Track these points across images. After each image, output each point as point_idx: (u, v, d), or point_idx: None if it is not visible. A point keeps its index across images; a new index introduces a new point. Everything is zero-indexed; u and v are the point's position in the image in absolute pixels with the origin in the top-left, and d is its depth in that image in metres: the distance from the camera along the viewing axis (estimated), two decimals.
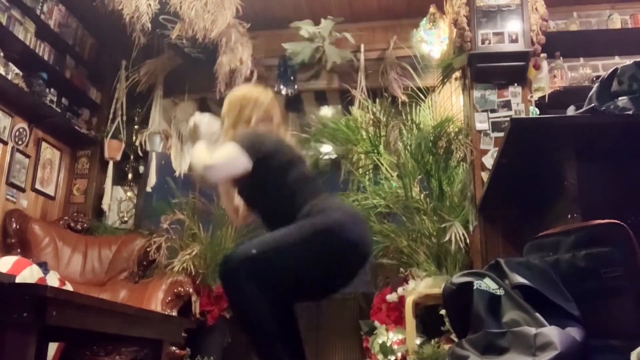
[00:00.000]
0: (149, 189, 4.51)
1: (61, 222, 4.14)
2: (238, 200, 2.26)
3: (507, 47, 3.22)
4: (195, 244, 3.82)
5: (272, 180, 2.05)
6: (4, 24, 3.64)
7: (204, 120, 2.19)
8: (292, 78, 4.43)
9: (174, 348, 3.29)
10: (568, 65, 4.04)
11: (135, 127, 4.58)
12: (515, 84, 3.25)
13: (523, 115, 3.16)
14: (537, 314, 1.53)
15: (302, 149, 2.28)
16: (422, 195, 3.49)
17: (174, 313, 3.44)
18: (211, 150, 2.05)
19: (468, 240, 3.15)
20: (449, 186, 3.49)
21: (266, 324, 1.80)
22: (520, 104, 3.23)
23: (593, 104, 1.95)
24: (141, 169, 4.57)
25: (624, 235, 1.57)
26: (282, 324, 1.84)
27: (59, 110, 4.17)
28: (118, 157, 4.49)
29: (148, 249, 3.78)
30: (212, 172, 1.96)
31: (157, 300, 3.43)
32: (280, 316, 1.83)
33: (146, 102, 4.59)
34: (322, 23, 4.25)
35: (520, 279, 1.62)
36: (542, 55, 3.58)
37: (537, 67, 3.43)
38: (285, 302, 1.90)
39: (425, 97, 3.84)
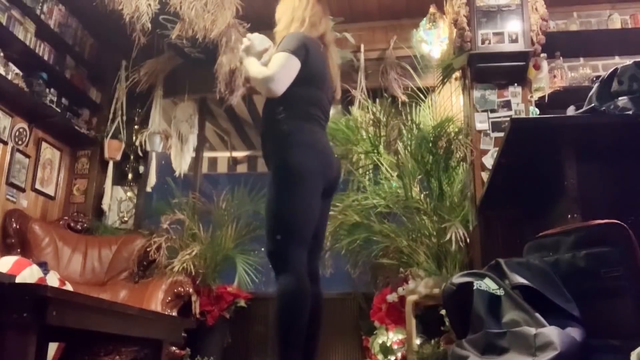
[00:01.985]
0: (149, 189, 4.51)
1: (61, 222, 4.14)
2: None
3: (507, 47, 3.22)
4: (195, 244, 3.82)
5: (294, 88, 2.18)
6: (4, 24, 3.64)
7: (257, 37, 2.29)
8: None
9: (174, 348, 3.29)
10: (568, 65, 4.04)
11: (135, 127, 4.59)
12: (515, 84, 3.25)
13: (523, 115, 3.16)
14: (537, 314, 1.53)
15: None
16: (422, 195, 3.49)
17: (174, 313, 3.44)
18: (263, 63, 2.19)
19: (468, 240, 3.15)
20: (449, 186, 3.49)
21: (304, 315, 2.06)
22: (520, 104, 3.23)
23: (593, 104, 1.95)
24: (141, 169, 4.58)
25: (624, 235, 1.57)
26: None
27: (59, 110, 4.17)
28: (118, 157, 4.49)
29: (148, 249, 3.78)
30: (274, 83, 2.10)
31: (157, 300, 3.43)
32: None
33: (146, 102, 4.60)
34: None
35: (520, 279, 1.62)
36: (542, 55, 3.57)
37: (537, 67, 3.43)
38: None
39: (425, 97, 3.84)
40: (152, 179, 4.50)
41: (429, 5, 3.97)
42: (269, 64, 2.15)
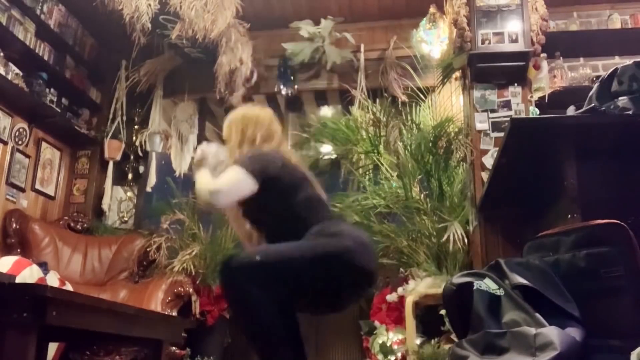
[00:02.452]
0: (149, 189, 4.51)
1: (61, 222, 4.14)
2: (249, 225, 2.23)
3: (507, 47, 3.22)
4: (195, 244, 3.82)
5: (278, 202, 2.03)
6: (4, 24, 3.64)
7: (211, 150, 2.18)
8: (292, 78, 4.43)
9: (174, 348, 3.29)
10: (568, 65, 4.03)
11: (135, 127, 4.58)
12: (515, 84, 3.25)
13: (523, 115, 3.16)
14: (537, 314, 1.53)
15: (307, 169, 2.25)
16: (422, 195, 3.49)
17: (174, 313, 3.44)
18: (216, 176, 2.04)
19: (468, 240, 3.15)
20: (449, 186, 3.49)
21: (267, 325, 1.80)
22: (520, 104, 3.23)
23: (593, 104, 1.95)
24: (141, 169, 4.57)
25: (624, 235, 1.57)
26: (284, 326, 1.84)
27: (59, 110, 4.17)
28: (118, 157, 4.49)
29: (148, 249, 3.78)
30: (218, 197, 1.94)
31: (157, 300, 3.43)
32: (281, 318, 1.83)
33: (146, 102, 4.59)
34: (322, 23, 4.25)
35: (520, 279, 1.62)
36: (542, 55, 3.57)
37: (537, 67, 3.43)
38: (286, 306, 1.88)
39: (425, 97, 3.84)
40: (152, 179, 4.50)
41: (429, 5, 3.97)
42: (219, 178, 2.00)
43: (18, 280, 2.40)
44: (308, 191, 2.09)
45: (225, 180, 1.97)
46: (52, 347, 2.82)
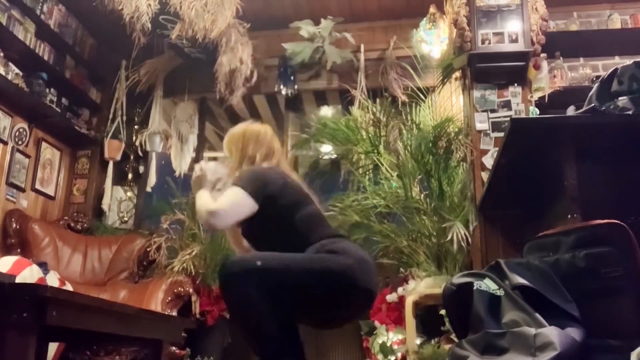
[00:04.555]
0: (149, 189, 4.51)
1: (61, 222, 4.14)
2: (247, 243, 2.23)
3: (507, 47, 3.22)
4: (195, 244, 3.82)
5: (279, 221, 2.02)
6: (4, 24, 3.64)
7: (210, 168, 2.16)
8: (292, 78, 4.43)
9: (174, 348, 3.29)
10: (568, 65, 4.03)
11: (135, 127, 4.58)
12: (515, 84, 3.25)
13: (523, 115, 3.16)
14: (537, 315, 1.53)
15: (301, 185, 2.22)
16: (422, 195, 3.49)
17: (174, 313, 3.44)
18: (215, 196, 2.02)
19: (468, 240, 3.15)
20: (449, 186, 3.49)
21: (267, 327, 1.79)
22: (520, 104, 3.23)
23: (593, 104, 1.95)
24: (141, 169, 4.58)
25: (624, 235, 1.57)
26: (282, 328, 1.84)
27: (59, 110, 4.17)
28: (118, 157, 4.49)
29: (148, 249, 3.78)
30: (218, 219, 1.92)
31: (157, 300, 3.42)
32: (280, 320, 1.83)
33: (146, 102, 4.60)
34: (322, 23, 4.25)
35: (520, 280, 1.62)
36: (542, 55, 3.57)
37: (537, 67, 3.43)
38: (285, 308, 1.88)
39: (425, 97, 3.83)
40: (152, 179, 4.50)
41: (429, 5, 3.97)
42: (219, 198, 1.99)
43: (18, 280, 2.39)
44: (309, 208, 2.08)
45: (224, 201, 1.95)
46: (52, 347, 2.81)
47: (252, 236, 2.15)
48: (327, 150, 4.13)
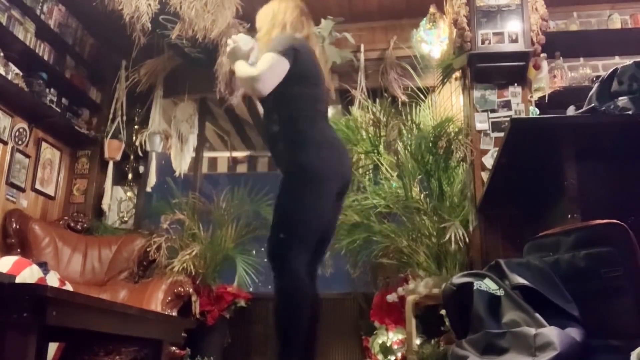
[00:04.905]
0: (149, 189, 4.51)
1: (61, 222, 4.14)
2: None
3: (507, 47, 3.22)
4: (195, 244, 3.83)
5: (294, 88, 2.20)
6: (4, 24, 3.64)
7: (242, 38, 2.30)
8: None
9: (174, 348, 3.30)
10: (568, 65, 4.03)
11: (135, 127, 4.58)
12: (515, 84, 3.25)
13: (523, 115, 3.16)
14: (537, 315, 1.53)
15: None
16: (422, 195, 3.49)
17: (174, 313, 3.44)
18: (250, 65, 2.20)
19: (468, 240, 3.15)
20: (449, 186, 3.49)
21: (304, 316, 2.07)
22: (520, 104, 3.23)
23: (593, 104, 1.95)
24: (141, 169, 4.58)
25: (624, 235, 1.57)
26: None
27: (59, 110, 4.17)
28: (118, 157, 4.49)
29: (148, 249, 3.78)
30: (261, 83, 2.11)
31: (157, 300, 3.43)
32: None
33: (146, 102, 4.60)
34: (322, 23, 4.24)
35: (520, 280, 1.62)
36: (542, 55, 3.57)
37: (537, 67, 3.43)
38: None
39: (425, 97, 3.83)
40: (152, 179, 4.50)
41: (429, 5, 3.97)
42: (256, 64, 2.17)
43: (18, 280, 2.39)
44: (316, 86, 2.28)
45: (263, 65, 2.12)
46: (52, 347, 2.81)
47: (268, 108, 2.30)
48: None
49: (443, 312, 2.90)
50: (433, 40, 3.92)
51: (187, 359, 3.55)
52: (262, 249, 3.77)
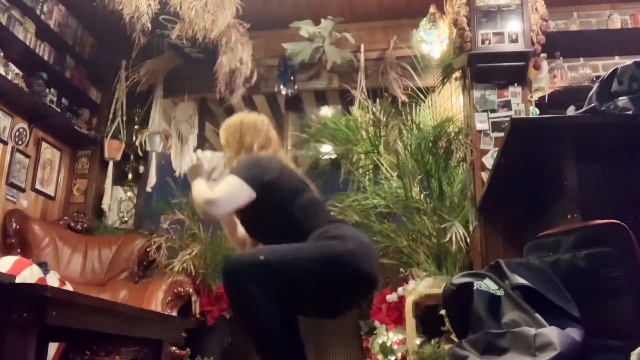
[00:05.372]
0: (149, 189, 4.51)
1: (61, 222, 4.14)
2: (243, 232, 2.22)
3: (507, 47, 3.22)
4: (195, 244, 3.82)
5: (277, 209, 2.02)
6: (4, 24, 3.64)
7: (206, 157, 2.15)
8: (292, 78, 4.43)
9: (174, 348, 3.29)
10: (568, 65, 4.03)
11: (135, 127, 4.58)
12: (515, 84, 3.25)
13: (523, 115, 3.15)
14: (537, 315, 1.53)
15: (301, 174, 2.26)
16: (422, 195, 3.49)
17: (174, 313, 3.44)
18: (212, 185, 2.01)
19: (468, 240, 3.15)
20: (449, 186, 3.49)
21: (269, 325, 1.79)
22: (520, 104, 3.23)
23: (593, 104, 1.95)
24: (141, 169, 4.57)
25: (624, 235, 1.57)
26: (285, 326, 1.84)
27: (59, 110, 4.17)
28: (118, 157, 4.49)
29: (148, 249, 3.78)
30: (216, 207, 1.90)
31: (157, 300, 3.43)
32: (282, 318, 1.83)
33: (146, 102, 4.60)
34: (322, 23, 4.25)
35: (520, 280, 1.62)
36: (542, 55, 3.57)
37: (537, 67, 3.43)
38: (287, 306, 1.89)
39: (425, 97, 3.83)
40: (152, 179, 4.50)
41: (429, 5, 3.97)
42: (216, 187, 1.98)
43: (18, 280, 2.39)
44: (307, 195, 2.08)
45: (222, 189, 1.94)
46: (52, 347, 2.81)
47: (251, 226, 2.15)
48: (327, 150, 4.13)
49: (443, 312, 2.90)
50: (433, 40, 3.92)
51: (187, 359, 3.55)
52: None
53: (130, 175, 4.56)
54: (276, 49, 4.39)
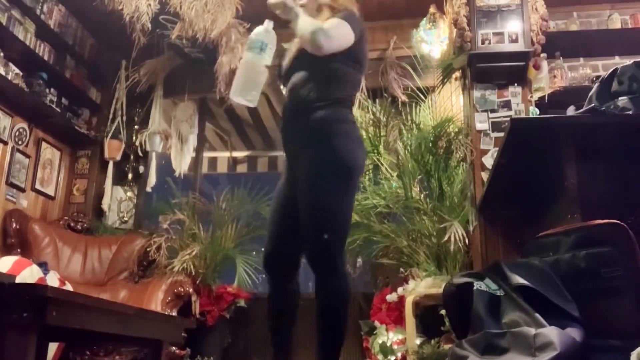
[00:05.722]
0: (149, 189, 4.51)
1: (61, 222, 4.14)
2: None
3: (507, 47, 3.22)
4: (195, 244, 3.82)
5: (344, 72, 2.13)
6: (4, 24, 3.64)
7: None
8: None
9: (174, 348, 3.30)
10: (568, 65, 4.03)
11: (135, 127, 4.58)
12: (515, 84, 3.25)
13: (523, 115, 3.16)
14: (537, 315, 1.53)
15: None
16: (422, 195, 3.49)
17: (174, 313, 3.44)
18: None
19: (468, 241, 3.15)
20: (449, 186, 3.49)
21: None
22: (520, 104, 3.23)
23: (593, 104, 1.95)
24: (141, 169, 4.57)
25: (624, 235, 1.57)
26: None
27: (59, 110, 4.17)
28: (118, 157, 4.49)
29: (148, 249, 3.78)
30: (329, 40, 2.00)
31: (157, 300, 3.43)
32: None
33: (146, 102, 4.59)
34: None
35: (520, 280, 1.62)
36: (542, 55, 3.57)
37: (537, 67, 3.43)
38: None
39: (425, 97, 3.83)
40: (152, 179, 4.50)
41: (429, 5, 3.97)
42: (327, 23, 2.06)
43: (18, 280, 2.39)
44: (361, 75, 2.23)
45: (334, 26, 2.04)
46: (52, 347, 2.81)
47: (296, 69, 2.29)
48: None
49: (443, 312, 2.90)
50: (433, 40, 3.92)
51: (187, 359, 3.55)
52: (262, 249, 3.76)
53: (130, 175, 4.56)
54: (276, 49, 4.38)
